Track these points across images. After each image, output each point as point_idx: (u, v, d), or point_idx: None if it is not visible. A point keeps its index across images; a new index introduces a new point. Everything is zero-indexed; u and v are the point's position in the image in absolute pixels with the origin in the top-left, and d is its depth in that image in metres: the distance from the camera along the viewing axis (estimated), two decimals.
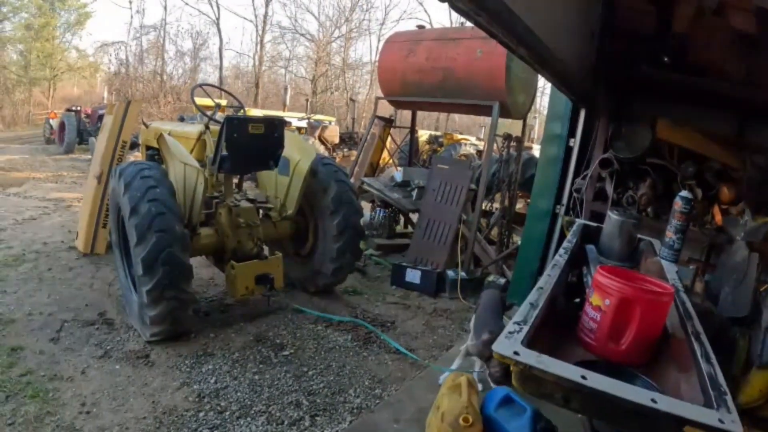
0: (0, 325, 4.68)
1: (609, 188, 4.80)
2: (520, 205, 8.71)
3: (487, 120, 7.71)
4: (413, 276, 6.60)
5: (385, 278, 6.93)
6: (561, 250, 2.58)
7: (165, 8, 41.40)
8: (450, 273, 6.57)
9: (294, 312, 5.42)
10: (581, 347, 1.94)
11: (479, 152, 16.03)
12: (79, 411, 3.58)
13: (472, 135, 21.91)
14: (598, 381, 1.36)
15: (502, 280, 6.52)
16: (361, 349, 4.81)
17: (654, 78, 4.23)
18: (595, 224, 3.43)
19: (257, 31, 35.68)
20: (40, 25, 35.96)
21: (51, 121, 21.26)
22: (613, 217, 3.02)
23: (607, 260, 2.93)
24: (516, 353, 1.41)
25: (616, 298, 1.80)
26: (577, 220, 3.53)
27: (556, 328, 2.06)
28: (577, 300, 2.73)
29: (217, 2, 36.07)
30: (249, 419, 3.64)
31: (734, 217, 3.93)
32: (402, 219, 9.10)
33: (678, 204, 2.81)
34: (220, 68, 35.32)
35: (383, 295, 6.32)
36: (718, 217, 4.23)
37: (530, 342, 1.53)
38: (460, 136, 19.17)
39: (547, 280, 2.06)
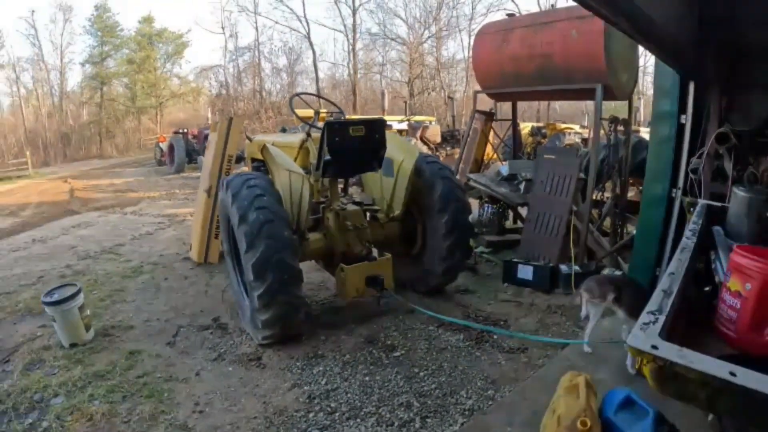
0: (119, 331, 4.98)
1: (728, 165, 4.43)
2: (631, 193, 8.28)
3: (590, 105, 7.37)
4: (525, 272, 6.36)
5: (496, 275, 6.72)
6: (688, 232, 2.36)
7: (256, 29, 43.01)
8: (563, 267, 6.28)
9: (405, 313, 5.34)
10: (718, 339, 1.73)
11: (584, 140, 15.41)
12: (192, 410, 3.72)
13: (575, 123, 21.14)
14: (750, 378, 1.17)
15: (618, 273, 6.21)
16: (474, 349, 4.66)
17: (765, 39, 3.85)
18: (719, 204, 3.17)
19: (348, 40, 36.33)
20: (141, 59, 38.89)
21: (161, 144, 22.73)
22: (740, 194, 2.77)
23: (735, 242, 2.67)
24: (654, 347, 1.23)
25: (758, 281, 1.59)
26: (699, 200, 3.26)
27: (688, 319, 1.87)
28: (707, 288, 2.50)
29: (306, 17, 36.90)
30: (359, 420, 3.62)
31: None
32: (511, 214, 8.85)
33: None
34: (316, 80, 36.17)
35: (495, 293, 6.14)
36: None
37: (668, 334, 1.35)
38: (563, 125, 18.51)
39: (678, 264, 1.85)
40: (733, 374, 1.18)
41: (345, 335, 4.87)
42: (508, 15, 9.26)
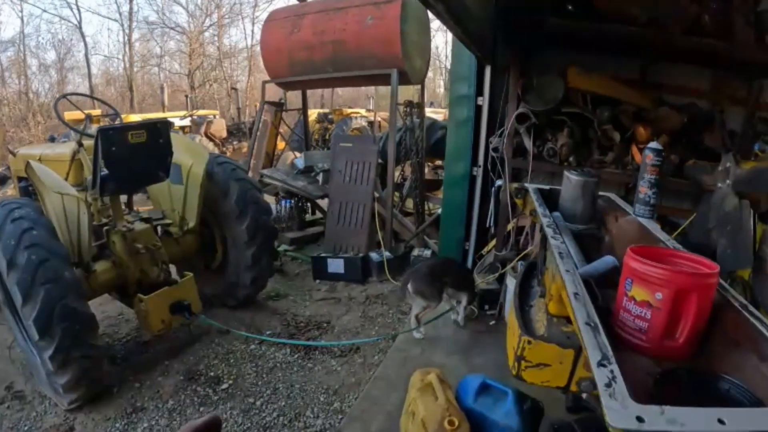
0: None
1: (528, 143, 4.75)
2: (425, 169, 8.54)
3: (373, 90, 7.44)
4: (336, 266, 6.23)
5: (305, 273, 6.49)
6: (549, 231, 2.21)
7: (22, 19, 37.57)
8: (374, 255, 6.29)
9: (221, 334, 4.82)
10: (625, 346, 1.58)
11: (371, 123, 15.89)
12: None
13: (359, 107, 21.55)
14: (738, 421, 0.99)
15: (428, 252, 6.40)
16: (304, 361, 4.40)
17: (560, 28, 4.14)
18: (547, 187, 3.19)
19: (123, 30, 33.48)
20: None
21: None
22: (573, 178, 2.78)
23: (572, 225, 2.73)
24: (640, 419, 0.97)
25: (671, 291, 1.47)
26: (527, 185, 3.25)
27: None
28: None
29: (77, 4, 33.39)
30: None
31: (700, 165, 4.01)
32: (310, 206, 8.61)
33: (649, 157, 2.54)
34: (89, 76, 32.79)
35: (309, 293, 5.92)
36: (638, 157, 4.29)
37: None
38: (349, 110, 18.77)
39: (573, 280, 1.64)
40: (722, 422, 0.98)
41: (161, 376, 4.21)
42: (299, 0, 8.85)
